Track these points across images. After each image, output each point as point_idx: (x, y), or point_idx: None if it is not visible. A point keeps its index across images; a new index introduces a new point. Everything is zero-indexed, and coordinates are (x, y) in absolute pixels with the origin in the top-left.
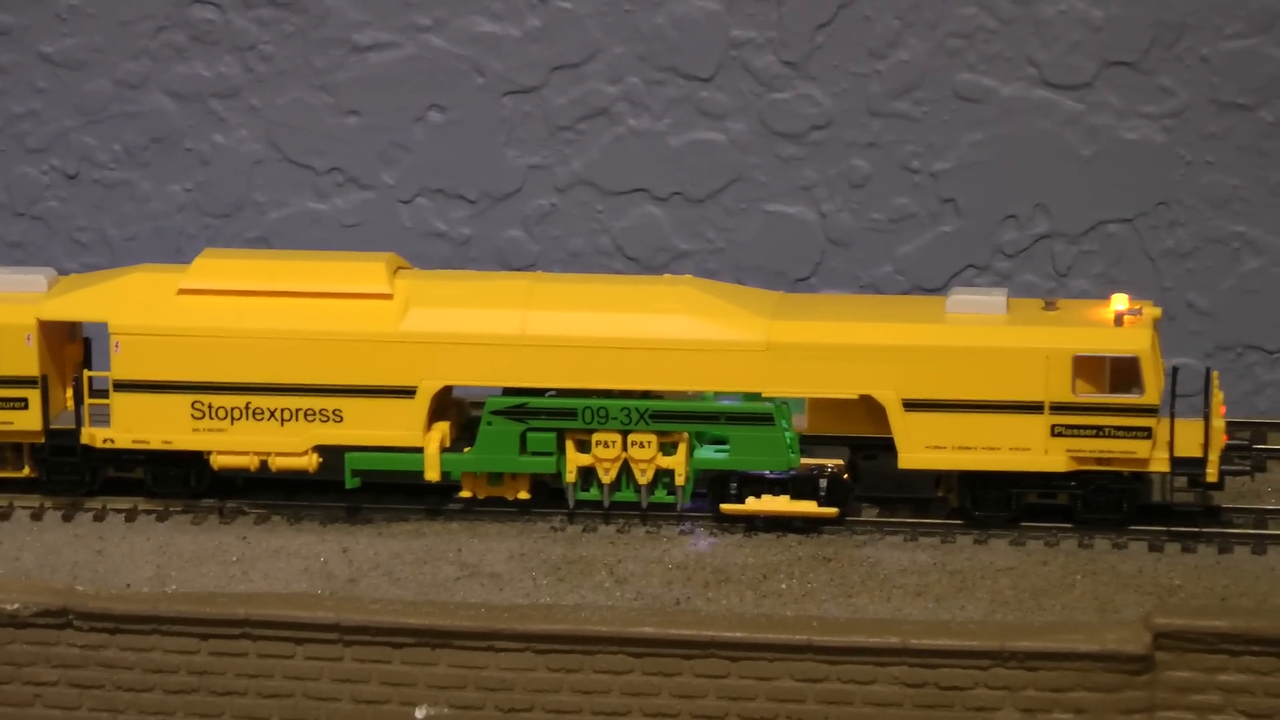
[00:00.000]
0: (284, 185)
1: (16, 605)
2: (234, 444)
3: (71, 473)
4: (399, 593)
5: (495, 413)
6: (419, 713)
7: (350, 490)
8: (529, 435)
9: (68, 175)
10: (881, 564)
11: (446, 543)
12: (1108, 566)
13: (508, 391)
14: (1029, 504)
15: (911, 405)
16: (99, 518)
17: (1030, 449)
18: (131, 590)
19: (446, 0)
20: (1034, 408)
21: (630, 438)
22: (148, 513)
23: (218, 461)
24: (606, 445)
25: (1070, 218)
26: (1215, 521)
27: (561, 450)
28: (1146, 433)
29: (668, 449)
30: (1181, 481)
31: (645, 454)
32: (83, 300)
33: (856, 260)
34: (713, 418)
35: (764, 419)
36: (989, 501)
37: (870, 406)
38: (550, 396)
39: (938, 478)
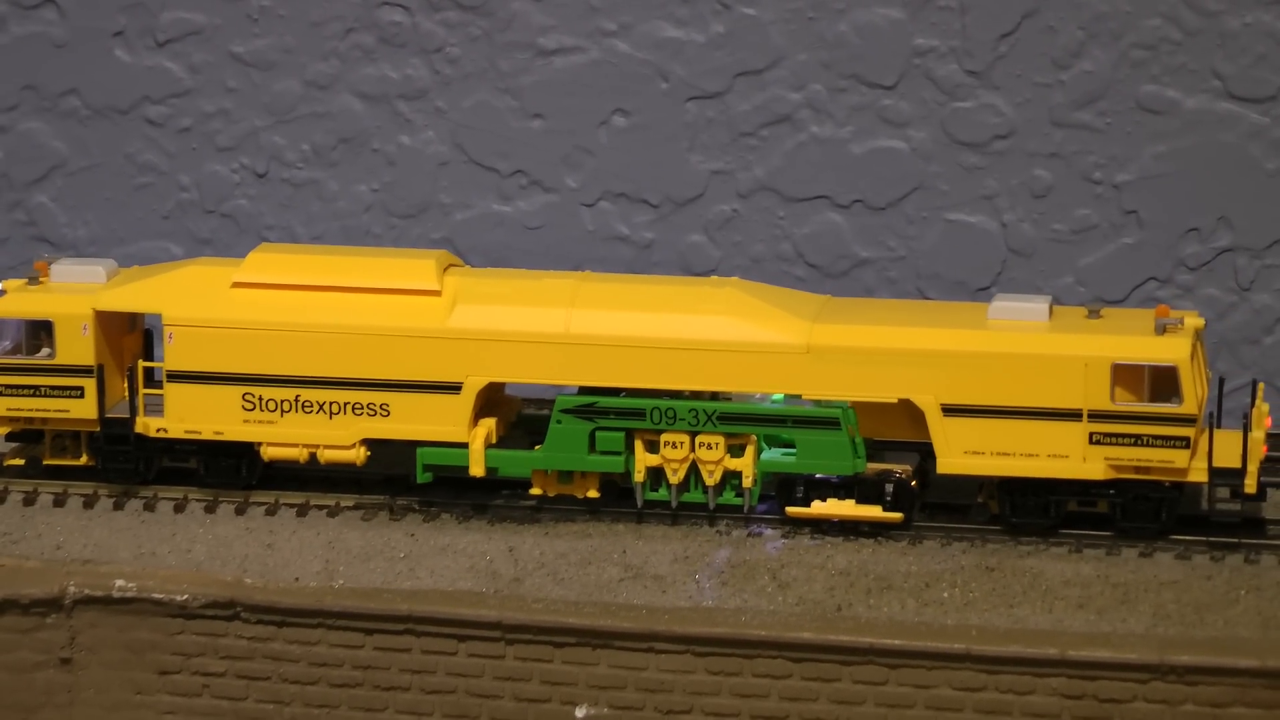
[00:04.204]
0: (468, 187)
1: (186, 596)
2: (284, 436)
3: (126, 461)
4: (563, 593)
5: (565, 411)
6: (579, 712)
7: (519, 490)
8: (598, 434)
9: (257, 174)
10: (1044, 575)
11: (612, 544)
12: (1273, 582)
13: (582, 390)
14: (1069, 512)
15: (950, 410)
16: (270, 512)
17: (1069, 456)
18: (299, 584)
19: (632, 6)
20: (1073, 415)
21: (698, 439)
22: (319, 508)
23: (268, 453)
24: (675, 446)
25: (1254, 231)
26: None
27: (630, 450)
28: (1184, 442)
29: (736, 451)
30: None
31: (713, 455)
32: (138, 292)
33: (1037, 271)
34: (780, 421)
35: (831, 423)
36: (1028, 508)
37: (910, 411)
38: (621, 397)
39: (980, 483)
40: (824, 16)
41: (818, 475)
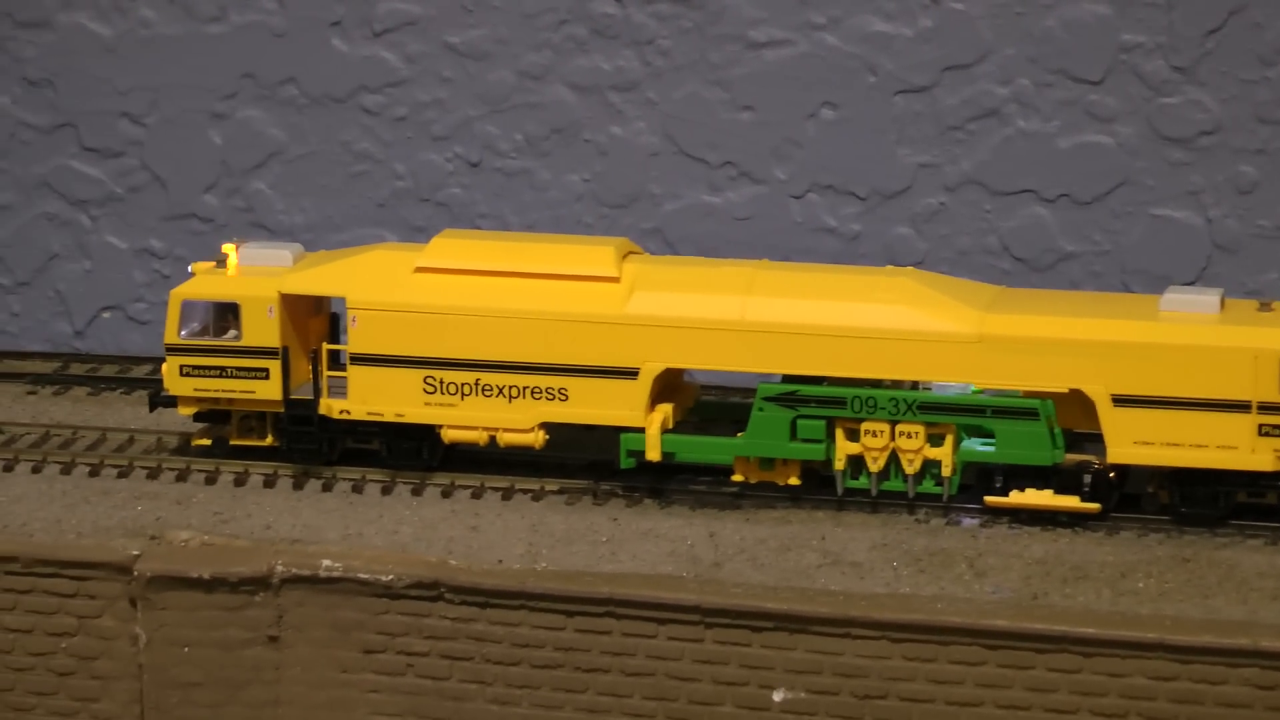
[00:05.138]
0: (678, 178)
1: (391, 577)
2: (463, 419)
3: (310, 442)
4: (761, 578)
5: (767, 399)
6: (777, 695)
7: (721, 476)
8: (799, 422)
9: (470, 163)
10: (1240, 566)
11: (811, 531)
12: None
13: (786, 379)
14: (1239, 503)
15: (1120, 401)
16: (476, 495)
17: (1237, 447)
18: (502, 566)
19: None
20: (1242, 407)
21: (898, 428)
22: (523, 492)
23: (448, 435)
24: (875, 435)
25: None
26: None
27: (831, 438)
28: None
29: (935, 440)
30: None
31: (913, 444)
32: (323, 275)
33: (1243, 267)
34: (979, 410)
35: (1030, 414)
36: (1198, 499)
37: (1082, 401)
38: (824, 385)
39: (1150, 474)
40: (1031, 11)
41: (1017, 465)
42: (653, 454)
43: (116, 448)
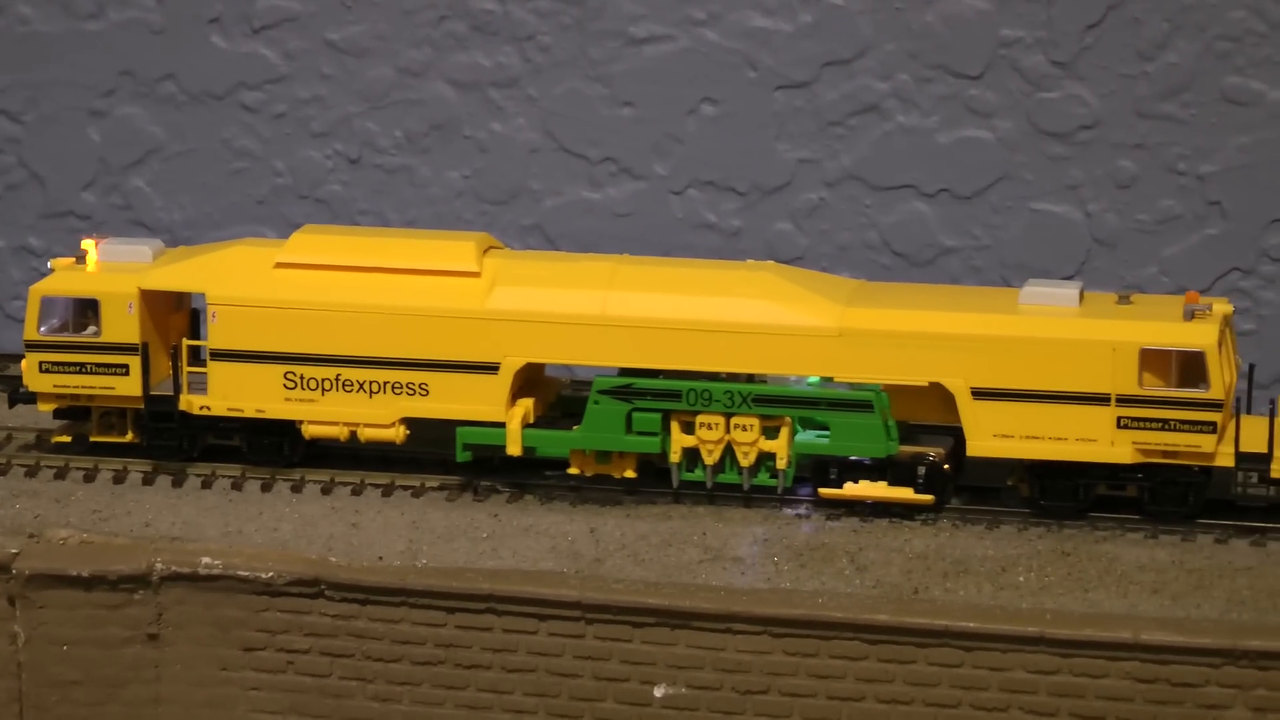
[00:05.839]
0: (559, 174)
1: (272, 574)
2: (324, 414)
3: (170, 439)
4: (643, 573)
5: (602, 392)
6: (658, 691)
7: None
8: (634, 415)
9: (350, 160)
10: (1120, 560)
11: (692, 526)
12: None
13: (623, 372)
14: (1098, 496)
15: (980, 394)
16: (356, 492)
17: (1097, 440)
18: (383, 563)
19: None
20: (1101, 399)
21: (733, 420)
22: (404, 488)
23: (309, 431)
24: (710, 427)
25: None
26: None
27: (667, 431)
28: (1211, 427)
29: (770, 433)
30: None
31: (748, 437)
32: (183, 271)
33: (1121, 260)
34: (814, 403)
35: (864, 406)
36: (1057, 491)
37: (942, 394)
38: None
39: (1011, 467)
40: (911, 7)
41: (851, 457)
42: (513, 449)
43: None
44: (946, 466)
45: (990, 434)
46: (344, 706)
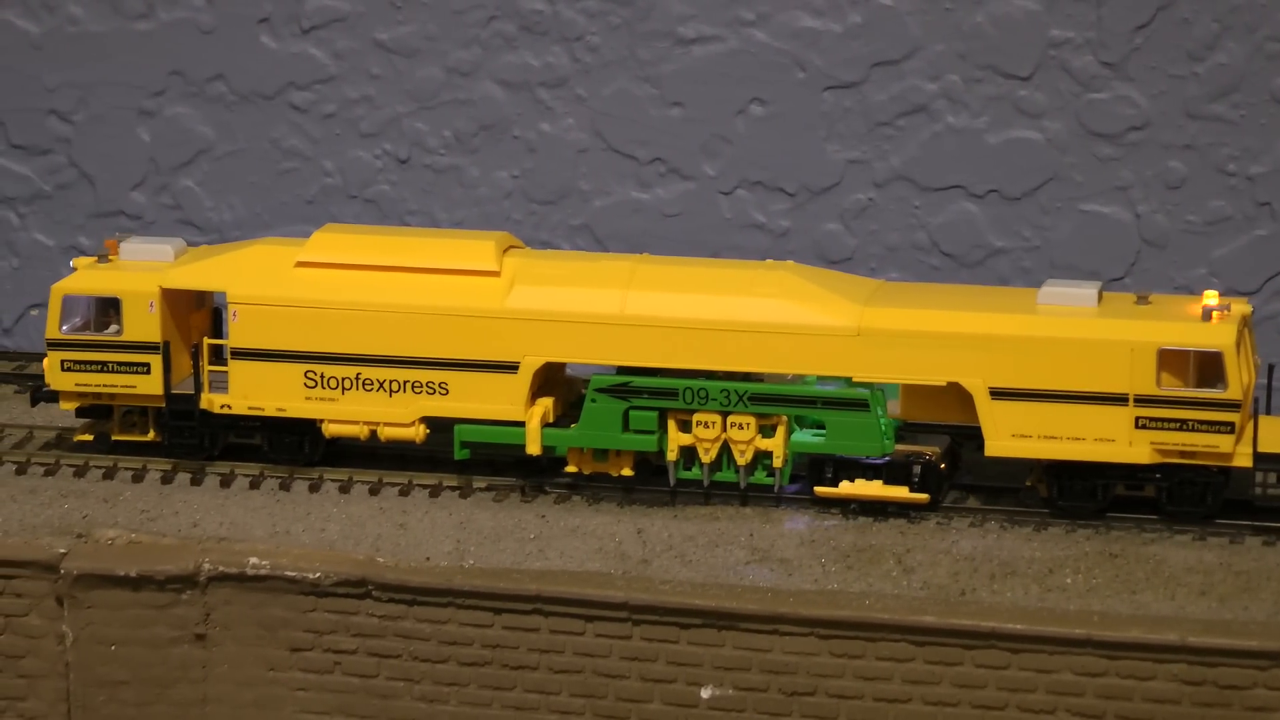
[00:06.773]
0: (607, 174)
1: (319, 574)
2: (344, 413)
3: (191, 437)
4: (689, 574)
5: (599, 390)
6: (704, 692)
7: (655, 474)
8: (631, 413)
9: (399, 160)
10: (1167, 562)
11: (739, 527)
12: None
13: (620, 370)
14: (1117, 496)
15: (999, 394)
16: (404, 492)
17: (1115, 440)
18: (430, 564)
19: None
20: (1119, 399)
21: (730, 419)
22: (451, 489)
23: (329, 430)
24: (707, 426)
25: None
26: None
27: (663, 429)
28: (1229, 427)
29: (767, 431)
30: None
31: (744, 435)
32: (204, 270)
33: (1171, 262)
34: (810, 402)
35: (860, 405)
36: (1075, 492)
37: (961, 394)
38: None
39: (1029, 467)
40: (960, 7)
41: (847, 456)
42: (533, 448)
43: (43, 445)
44: (943, 466)
45: (1008, 434)
46: (391, 707)
